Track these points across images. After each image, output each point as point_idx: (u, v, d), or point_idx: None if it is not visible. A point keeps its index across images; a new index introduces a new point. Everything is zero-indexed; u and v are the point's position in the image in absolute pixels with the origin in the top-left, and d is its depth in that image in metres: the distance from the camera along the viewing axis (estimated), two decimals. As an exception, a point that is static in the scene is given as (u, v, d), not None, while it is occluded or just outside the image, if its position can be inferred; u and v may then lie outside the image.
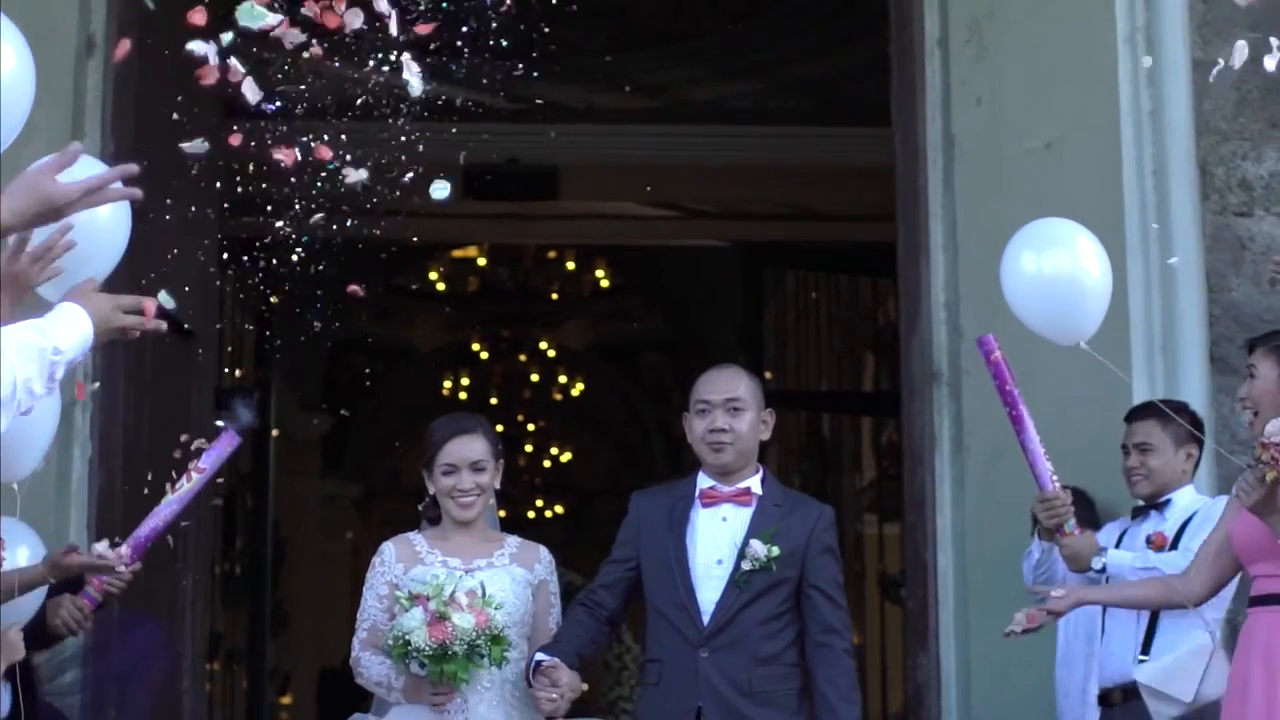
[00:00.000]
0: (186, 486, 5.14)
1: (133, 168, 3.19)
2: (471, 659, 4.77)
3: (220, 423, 5.31)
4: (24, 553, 5.08)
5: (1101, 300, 5.28)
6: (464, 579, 4.87)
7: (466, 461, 5.05)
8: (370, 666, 4.99)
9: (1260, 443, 4.53)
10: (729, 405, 5.06)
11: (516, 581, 5.01)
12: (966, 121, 6.64)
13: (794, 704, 4.94)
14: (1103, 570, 5.29)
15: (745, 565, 4.94)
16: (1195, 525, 5.34)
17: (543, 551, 5.13)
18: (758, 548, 4.94)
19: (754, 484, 5.07)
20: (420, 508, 5.23)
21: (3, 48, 3.66)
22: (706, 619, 4.93)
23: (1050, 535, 5.28)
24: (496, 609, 4.82)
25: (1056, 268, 5.25)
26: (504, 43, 5.64)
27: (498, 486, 5.13)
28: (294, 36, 4.31)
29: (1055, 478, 5.23)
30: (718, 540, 5.01)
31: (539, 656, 4.90)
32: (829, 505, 5.22)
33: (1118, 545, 5.49)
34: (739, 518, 5.03)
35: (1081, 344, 5.25)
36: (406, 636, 4.78)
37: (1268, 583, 4.67)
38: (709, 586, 4.96)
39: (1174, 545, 5.37)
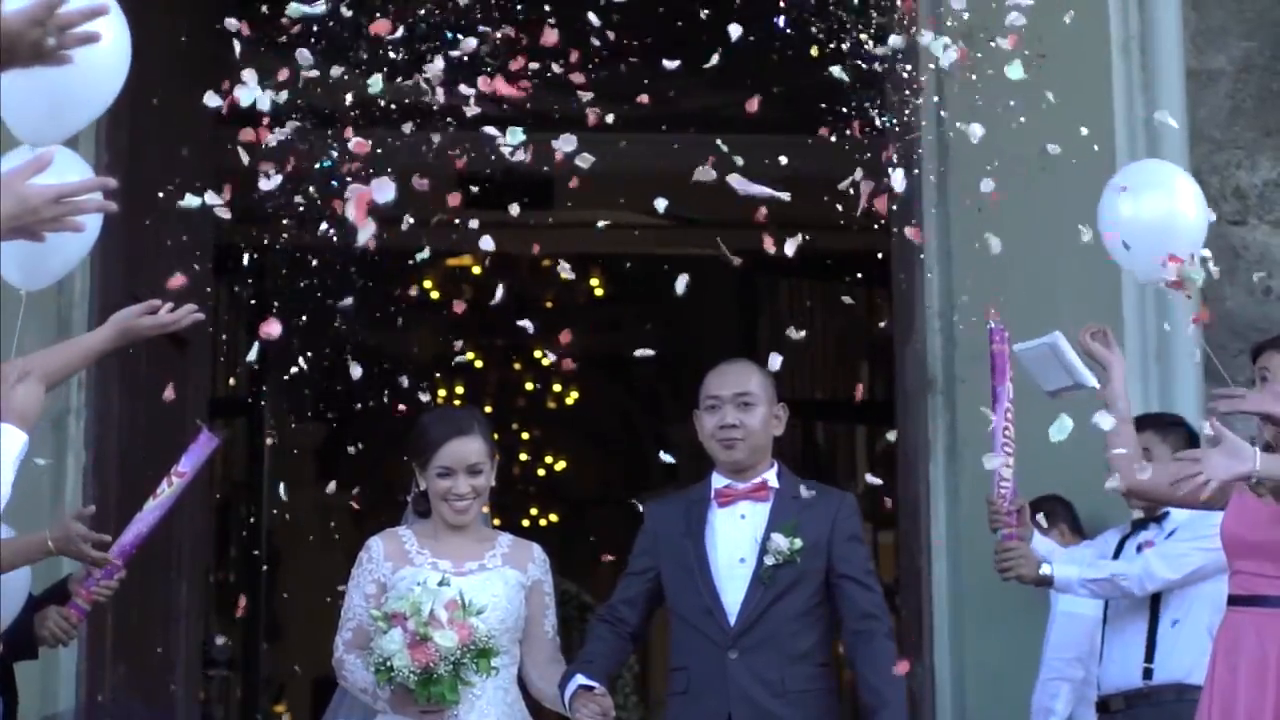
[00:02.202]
0: (168, 492, 5.14)
1: (110, 181, 3.17)
2: (459, 676, 4.63)
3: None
4: None
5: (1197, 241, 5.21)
6: (441, 591, 4.69)
7: (464, 465, 4.89)
8: (355, 671, 4.83)
9: None
10: (739, 400, 4.98)
11: (509, 585, 4.87)
12: (961, 129, 6.63)
13: (825, 704, 4.84)
14: (1050, 582, 5.29)
15: (768, 560, 4.85)
16: (1180, 529, 5.32)
17: (536, 550, 4.97)
18: (780, 541, 4.85)
19: (770, 478, 4.99)
20: (409, 499, 5.07)
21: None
22: (733, 620, 4.84)
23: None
24: (477, 614, 4.66)
25: (1155, 209, 5.20)
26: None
27: (493, 484, 4.96)
28: (304, 57, 4.32)
29: (1006, 486, 5.20)
30: (738, 539, 4.92)
31: (581, 681, 4.75)
32: (849, 493, 5.17)
33: (1116, 556, 5.49)
34: (757, 513, 4.94)
35: (1162, 284, 5.22)
36: (388, 660, 4.63)
37: (1247, 581, 4.64)
38: (733, 587, 4.86)
39: None
